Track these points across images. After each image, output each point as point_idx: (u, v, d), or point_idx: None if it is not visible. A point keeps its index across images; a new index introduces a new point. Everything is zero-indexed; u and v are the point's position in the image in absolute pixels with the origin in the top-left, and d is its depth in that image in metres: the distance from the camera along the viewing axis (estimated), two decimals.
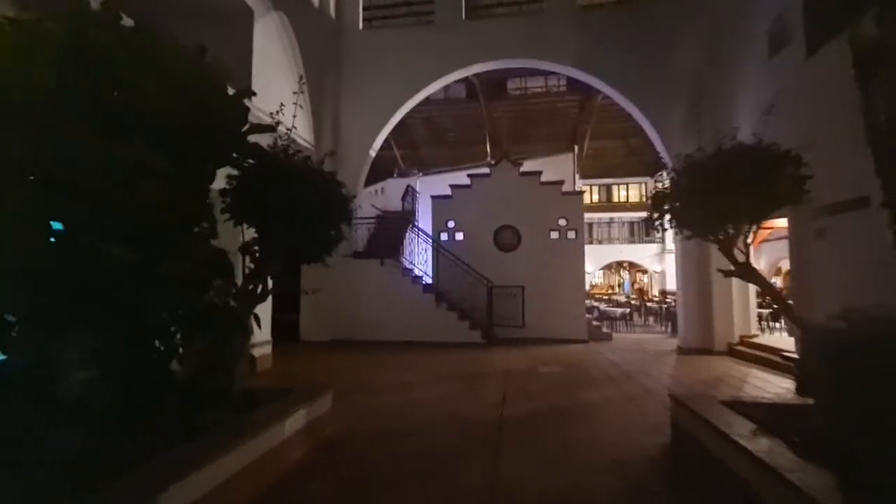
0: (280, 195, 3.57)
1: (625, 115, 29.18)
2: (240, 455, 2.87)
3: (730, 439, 2.77)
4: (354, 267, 10.45)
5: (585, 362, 7.78)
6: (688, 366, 7.49)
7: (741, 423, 3.02)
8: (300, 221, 3.73)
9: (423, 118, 28.68)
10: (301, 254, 4.05)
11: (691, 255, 9.17)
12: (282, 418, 3.53)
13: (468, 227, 11.00)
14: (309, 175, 3.79)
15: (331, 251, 4.29)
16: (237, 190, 3.66)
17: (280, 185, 3.57)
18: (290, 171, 3.71)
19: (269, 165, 3.66)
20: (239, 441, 2.90)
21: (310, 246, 3.98)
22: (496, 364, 7.64)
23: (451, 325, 9.92)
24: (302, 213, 3.67)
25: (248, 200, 3.66)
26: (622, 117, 28.63)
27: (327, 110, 10.63)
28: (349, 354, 8.82)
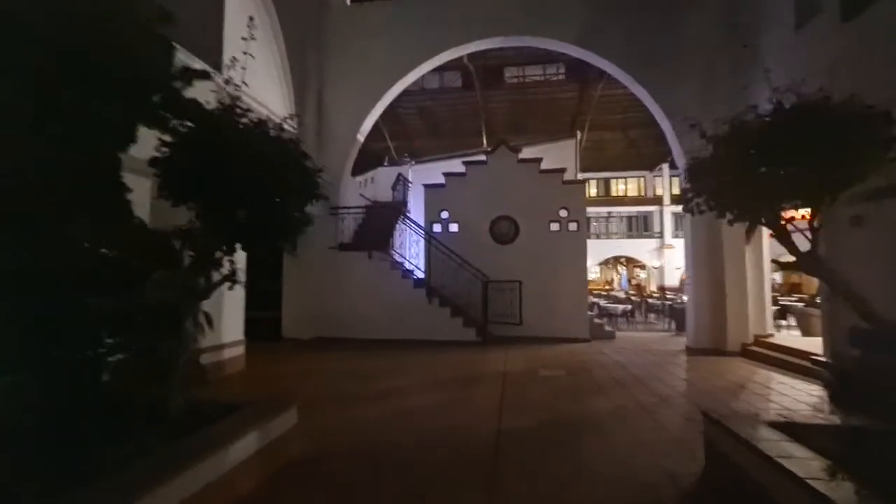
0: (222, 167, 2.85)
1: (624, 105, 28.64)
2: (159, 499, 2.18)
3: (800, 481, 2.11)
4: (340, 260, 9.74)
5: (589, 364, 7.13)
6: (701, 369, 6.85)
7: (805, 457, 2.36)
8: (250, 200, 3.01)
9: (418, 108, 27.95)
10: (253, 240, 3.31)
11: (702, 247, 8.53)
12: (228, 442, 2.83)
13: (463, 218, 10.30)
14: (261, 143, 3.05)
15: (294, 237, 3.56)
16: (172, 160, 2.94)
17: (222, 155, 2.85)
18: (236, 136, 2.98)
19: (209, 129, 2.93)
20: (156, 480, 2.20)
21: (264, 231, 3.25)
22: (492, 366, 6.98)
23: (444, 323, 9.25)
24: (251, 189, 2.96)
25: (184, 173, 2.94)
26: (622, 108, 28.14)
27: (310, 90, 9.86)
28: (332, 354, 8.12)
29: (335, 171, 10.00)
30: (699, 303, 8.51)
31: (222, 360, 6.22)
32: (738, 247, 8.18)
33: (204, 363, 5.84)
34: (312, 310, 9.54)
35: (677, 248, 29.65)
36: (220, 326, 6.22)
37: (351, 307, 9.54)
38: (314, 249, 9.63)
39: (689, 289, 8.94)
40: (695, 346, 8.49)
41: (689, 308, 8.83)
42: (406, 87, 28.37)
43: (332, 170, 9.89)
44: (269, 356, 7.88)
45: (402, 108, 27.71)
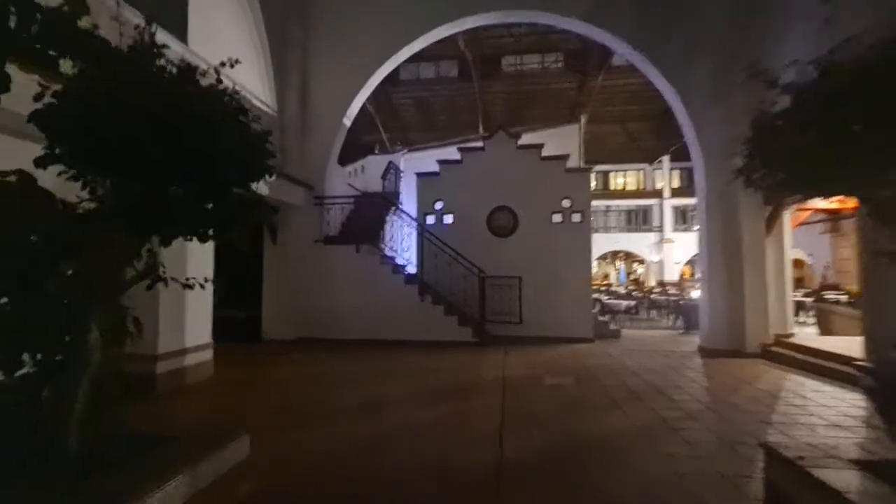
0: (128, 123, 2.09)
1: (624, 98, 27.90)
2: None
3: None
4: (326, 254, 8.98)
5: (597, 369, 6.44)
6: (723, 374, 6.17)
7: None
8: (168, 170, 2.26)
9: (413, 99, 27.13)
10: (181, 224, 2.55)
11: (718, 239, 7.84)
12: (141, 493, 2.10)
13: (458, 209, 9.55)
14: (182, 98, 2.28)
15: (245, 224, 2.82)
16: (63, 113, 2.17)
17: (128, 107, 2.09)
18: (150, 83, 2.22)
19: (116, 71, 2.17)
20: None
21: (194, 211, 2.50)
22: (491, 371, 6.27)
23: (438, 322, 8.53)
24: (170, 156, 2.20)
25: (77, 130, 2.17)
26: (622, 100, 27.43)
27: (293, 69, 9.05)
28: (314, 358, 7.38)
29: (320, 159, 9.23)
30: (714, 300, 7.83)
31: (183, 367, 5.46)
32: (757, 239, 7.50)
33: (160, 372, 5.10)
34: (295, 308, 8.79)
35: (677, 242, 29.07)
36: (181, 328, 5.48)
37: (337, 305, 8.79)
38: (297, 242, 8.88)
39: (702, 284, 8.26)
40: (709, 347, 7.81)
41: (703, 305, 8.15)
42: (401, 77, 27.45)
43: (317, 157, 9.12)
44: (243, 360, 7.14)
45: (397, 100, 26.94)
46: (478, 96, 24.56)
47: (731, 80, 7.75)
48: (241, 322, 8.89)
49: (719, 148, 7.84)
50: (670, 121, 28.51)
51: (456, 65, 24.72)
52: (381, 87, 25.00)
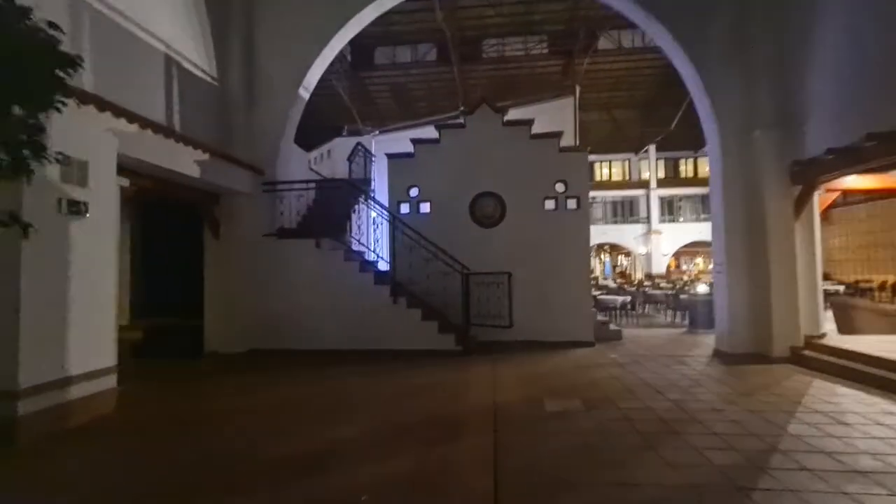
0: None
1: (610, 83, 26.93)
2: None
3: None
4: (279, 250, 7.58)
5: (608, 385, 5.25)
6: (760, 388, 5.05)
7: None
8: None
9: (389, 84, 25.65)
10: None
11: (739, 226, 6.75)
12: None
13: (436, 196, 8.25)
14: None
15: None
16: None
17: None
18: None
19: None
20: None
21: None
22: (477, 393, 5.02)
23: (414, 328, 7.24)
24: None
25: None
26: (607, 86, 26.45)
27: (235, 30, 7.59)
28: (261, 377, 6.01)
29: (272, 137, 7.80)
30: (733, 295, 6.73)
31: (66, 403, 4.05)
32: (786, 224, 6.42)
33: (24, 413, 3.70)
34: (244, 316, 7.38)
35: (665, 233, 28.38)
36: (61, 350, 4.06)
37: (294, 311, 7.42)
38: (245, 237, 7.47)
39: (717, 277, 7.16)
40: (728, 351, 6.73)
41: (719, 301, 7.06)
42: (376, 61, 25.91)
43: (267, 135, 7.69)
44: (169, 385, 5.75)
45: (373, 85, 25.45)
46: (458, 81, 23.24)
47: (748, 40, 6.66)
48: (180, 333, 7.45)
49: (738, 118, 6.74)
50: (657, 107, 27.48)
51: (434, 48, 23.35)
52: (355, 72, 23.66)
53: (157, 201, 7.36)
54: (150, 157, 5.36)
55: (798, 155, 6.23)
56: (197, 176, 6.17)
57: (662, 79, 24.52)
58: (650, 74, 24.45)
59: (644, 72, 24.34)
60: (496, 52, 23.30)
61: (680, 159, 30.90)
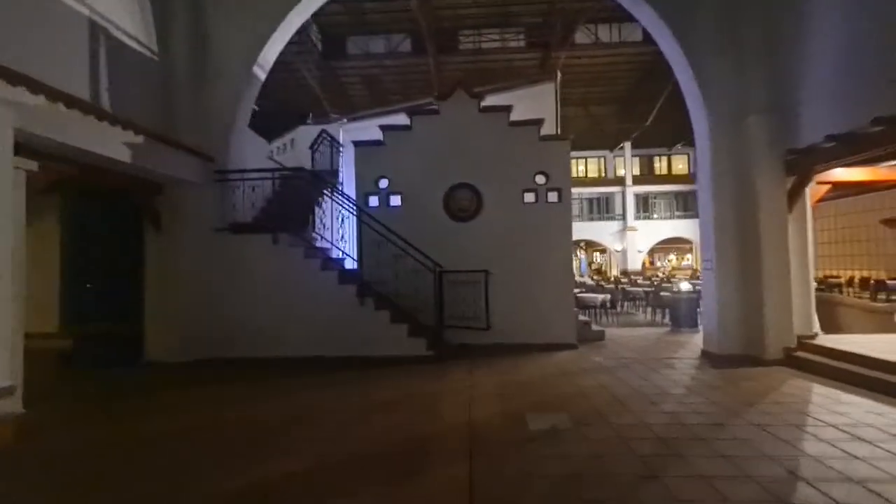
0: None
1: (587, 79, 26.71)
2: None
3: None
4: (232, 246, 6.79)
5: (597, 395, 4.73)
6: (763, 396, 4.61)
7: None
8: None
9: (362, 77, 24.72)
10: None
11: (729, 220, 6.36)
12: None
13: (407, 188, 7.60)
14: None
15: None
16: None
17: None
18: None
19: None
20: None
21: None
22: (450, 408, 4.42)
23: (382, 332, 6.58)
24: None
25: None
26: (584, 81, 26.19)
27: None
28: (199, 394, 5.23)
29: (223, 120, 6.98)
30: (723, 293, 6.34)
31: None
32: (779, 218, 6.04)
33: None
34: (189, 320, 6.57)
35: (640, 230, 28.46)
36: None
37: (247, 314, 6.65)
38: (192, 231, 6.66)
39: (705, 274, 6.77)
40: (717, 352, 6.34)
41: (709, 301, 6.66)
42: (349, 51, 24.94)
43: (218, 118, 6.88)
44: (93, 402, 4.93)
45: (345, 76, 24.49)
46: (434, 73, 22.59)
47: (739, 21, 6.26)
48: (116, 341, 6.59)
49: (729, 105, 6.33)
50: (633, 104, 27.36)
51: (409, 38, 22.61)
52: (326, 62, 22.67)
53: (91, 191, 6.46)
54: (66, 137, 4.52)
55: (793, 143, 5.85)
56: (129, 161, 5.34)
57: (639, 74, 24.47)
58: (627, 70, 24.35)
59: (621, 67, 24.22)
60: (472, 43, 22.75)
61: (654, 156, 31.10)
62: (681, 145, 30.18)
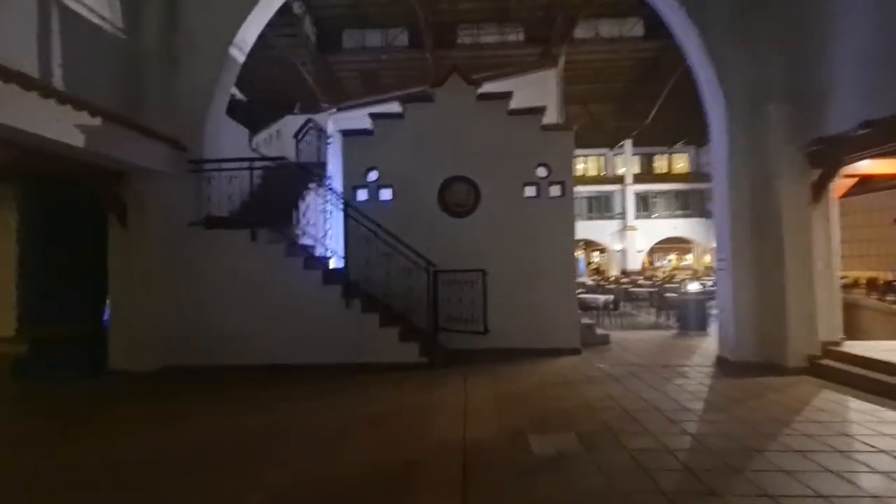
0: None
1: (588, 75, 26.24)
2: None
3: None
4: (206, 243, 6.23)
5: (607, 409, 4.21)
6: (796, 413, 4.09)
7: None
8: None
9: (359, 71, 24.18)
10: None
11: (746, 216, 5.85)
12: None
13: (399, 181, 7.06)
14: None
15: None
16: None
17: None
18: None
19: None
20: None
21: None
22: (443, 426, 3.88)
23: (371, 337, 6.05)
24: None
25: None
26: (586, 77, 25.68)
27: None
28: (162, 409, 4.66)
29: (197, 105, 6.42)
30: (740, 295, 5.83)
31: None
32: (803, 214, 5.54)
33: None
34: (159, 323, 6.01)
35: (640, 229, 28.00)
36: None
37: (223, 318, 6.10)
38: (161, 226, 6.09)
39: (720, 274, 6.25)
40: (734, 359, 5.83)
41: (724, 304, 6.15)
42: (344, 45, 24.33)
43: (191, 100, 6.32)
44: (39, 418, 4.36)
45: (340, 70, 23.94)
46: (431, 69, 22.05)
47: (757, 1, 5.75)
48: (78, 346, 6.01)
49: (747, 91, 5.83)
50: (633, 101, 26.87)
51: (406, 31, 22.09)
52: (321, 56, 22.10)
53: (51, 182, 5.89)
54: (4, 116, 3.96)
55: (819, 132, 5.34)
56: (83, 146, 4.76)
57: (640, 71, 24.02)
58: (628, 66, 23.91)
59: (621, 64, 23.77)
60: (471, 38, 22.27)
61: (654, 155, 30.66)
62: (681, 144, 29.76)
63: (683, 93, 24.47)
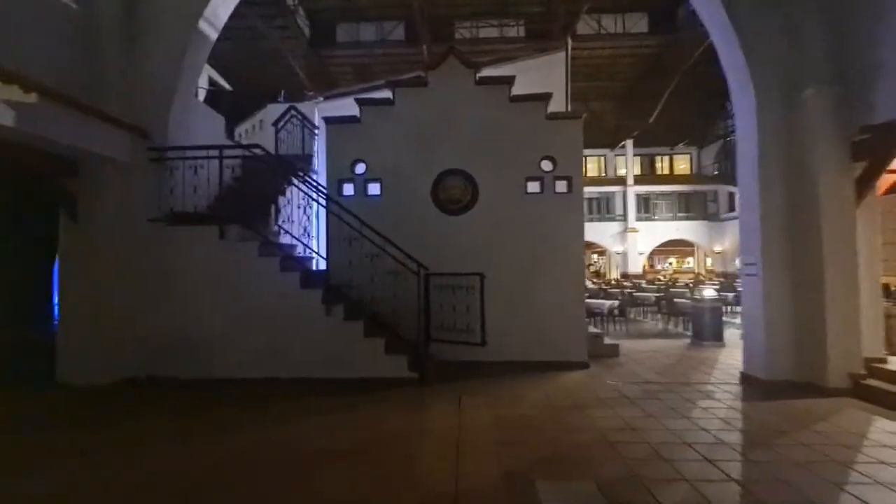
0: None
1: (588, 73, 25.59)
2: None
3: None
4: (169, 241, 5.53)
5: (626, 443, 3.52)
6: (855, 448, 3.42)
7: None
8: None
9: (353, 66, 23.49)
10: None
11: (778, 215, 5.19)
12: None
13: (389, 174, 6.38)
14: None
15: None
16: None
17: None
18: None
19: None
20: None
21: None
22: (432, 464, 3.19)
23: (353, 348, 5.35)
24: None
25: None
26: (586, 75, 25.03)
27: None
28: (103, 435, 3.93)
29: (162, 85, 5.72)
30: (773, 306, 5.16)
31: None
32: (845, 212, 4.88)
33: None
34: (114, 331, 5.30)
35: (641, 231, 27.38)
36: None
37: (186, 325, 5.40)
38: (118, 221, 5.39)
39: (749, 282, 5.58)
40: (763, 377, 5.16)
41: (752, 313, 5.47)
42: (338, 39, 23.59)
43: (154, 82, 5.62)
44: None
45: (334, 67, 23.26)
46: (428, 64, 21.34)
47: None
48: (22, 354, 5.30)
49: (781, 72, 5.17)
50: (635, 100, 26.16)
51: (401, 25, 21.43)
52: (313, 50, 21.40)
53: None
54: None
55: (865, 120, 4.69)
56: (13, 126, 4.06)
57: (643, 69, 23.40)
58: (630, 63, 23.30)
59: (623, 61, 23.15)
60: (469, 33, 21.65)
61: (656, 156, 30.09)
62: (683, 144, 29.18)
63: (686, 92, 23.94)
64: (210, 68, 20.62)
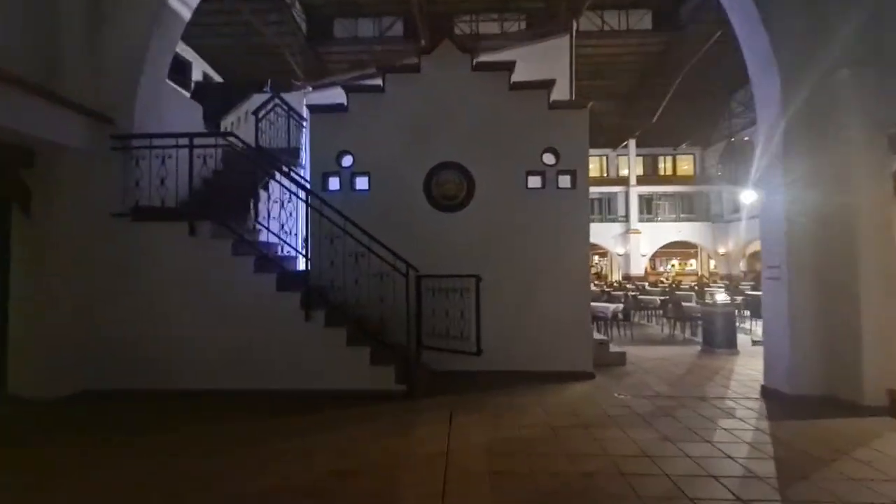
0: None
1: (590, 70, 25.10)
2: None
3: None
4: (134, 238, 5.03)
5: (642, 475, 3.02)
6: None
7: None
8: None
9: (351, 62, 22.98)
10: None
11: (806, 213, 4.68)
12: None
13: (378, 167, 5.89)
14: None
15: None
16: None
17: None
18: None
19: None
20: None
21: None
22: (413, 497, 2.68)
23: (335, 357, 4.84)
24: None
25: None
26: (588, 73, 24.51)
27: None
28: (50, 458, 3.43)
29: (127, 66, 5.22)
30: (798, 313, 4.66)
31: None
32: (883, 210, 4.38)
33: None
34: (72, 338, 4.79)
35: (643, 233, 26.88)
36: None
37: (152, 331, 4.90)
38: (76, 216, 4.88)
39: (771, 286, 5.07)
40: (790, 392, 4.66)
41: (775, 321, 4.96)
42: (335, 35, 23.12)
43: (119, 63, 5.13)
44: None
45: (332, 63, 22.82)
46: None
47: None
48: None
49: (809, 60, 4.68)
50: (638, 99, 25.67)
51: (400, 21, 21.01)
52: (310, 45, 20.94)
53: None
54: None
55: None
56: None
57: (646, 67, 22.92)
58: (633, 62, 22.81)
59: (626, 59, 22.66)
60: (469, 28, 21.23)
61: (659, 156, 29.61)
62: (687, 145, 28.70)
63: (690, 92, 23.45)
64: (204, 63, 20.22)
